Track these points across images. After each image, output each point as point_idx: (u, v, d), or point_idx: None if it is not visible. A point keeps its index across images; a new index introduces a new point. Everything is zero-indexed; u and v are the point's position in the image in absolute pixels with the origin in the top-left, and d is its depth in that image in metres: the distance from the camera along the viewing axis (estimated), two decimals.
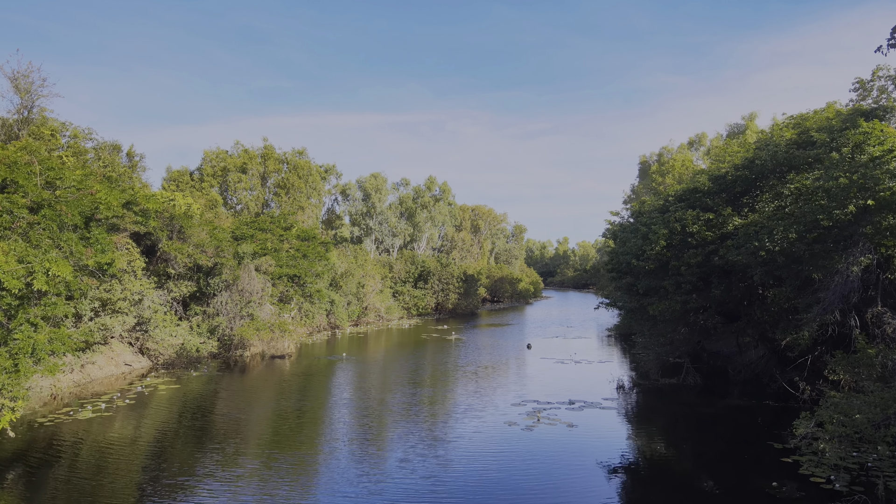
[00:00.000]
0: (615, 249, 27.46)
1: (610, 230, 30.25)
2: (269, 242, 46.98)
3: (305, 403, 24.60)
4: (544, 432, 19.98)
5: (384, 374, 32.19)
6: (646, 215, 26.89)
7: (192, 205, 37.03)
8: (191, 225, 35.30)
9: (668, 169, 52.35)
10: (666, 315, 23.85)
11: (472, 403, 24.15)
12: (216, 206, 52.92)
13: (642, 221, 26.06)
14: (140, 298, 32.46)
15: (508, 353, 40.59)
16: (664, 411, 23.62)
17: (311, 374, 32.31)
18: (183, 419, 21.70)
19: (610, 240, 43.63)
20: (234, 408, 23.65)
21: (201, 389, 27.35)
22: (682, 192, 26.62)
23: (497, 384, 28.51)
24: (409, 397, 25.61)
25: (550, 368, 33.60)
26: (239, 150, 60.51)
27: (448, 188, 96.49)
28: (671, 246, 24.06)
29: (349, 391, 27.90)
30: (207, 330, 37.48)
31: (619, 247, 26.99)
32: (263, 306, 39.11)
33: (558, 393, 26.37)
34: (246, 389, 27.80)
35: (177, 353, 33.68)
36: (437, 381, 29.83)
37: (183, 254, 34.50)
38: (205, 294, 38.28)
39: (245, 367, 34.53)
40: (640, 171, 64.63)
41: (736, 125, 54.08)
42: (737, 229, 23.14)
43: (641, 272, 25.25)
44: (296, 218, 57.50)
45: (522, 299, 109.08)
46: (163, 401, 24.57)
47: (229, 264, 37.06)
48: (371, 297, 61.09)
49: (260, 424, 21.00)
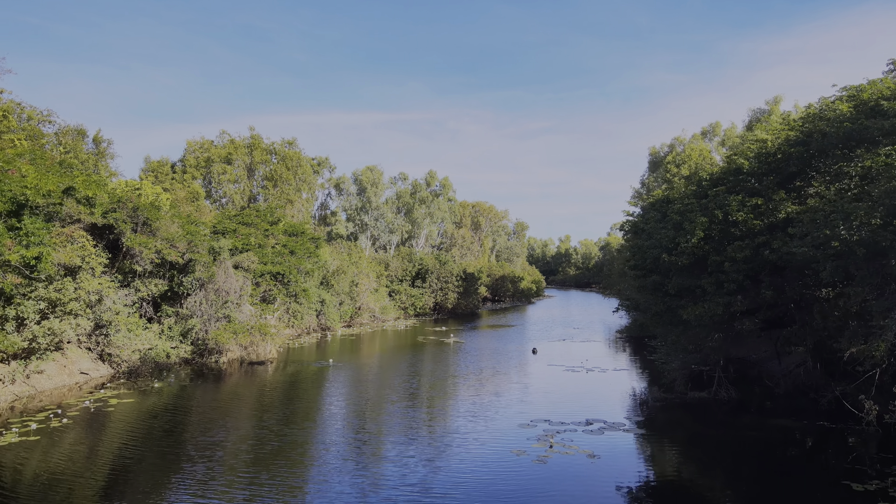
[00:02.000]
0: (639, 243, 23.83)
1: (630, 222, 26.53)
2: (253, 237, 43.37)
3: (276, 424, 20.97)
4: (560, 465, 16.36)
5: (374, 386, 28.57)
6: (678, 202, 23.14)
7: (160, 195, 33.38)
8: (159, 217, 31.68)
9: (682, 159, 48.73)
10: (704, 320, 20.16)
11: (475, 426, 20.52)
12: (198, 198, 49.28)
13: (675, 209, 22.33)
14: (98, 298, 28.86)
15: (512, 358, 36.97)
16: (702, 435, 19.98)
17: (292, 383, 28.70)
18: (130, 444, 18.07)
19: (624, 237, 40.06)
20: (197, 428, 20.02)
21: (163, 403, 23.75)
22: (719, 175, 22.90)
23: (501, 399, 24.89)
24: (402, 417, 21.98)
25: (560, 378, 29.98)
26: (225, 140, 56.89)
27: (448, 183, 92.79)
28: (709, 238, 20.40)
29: (333, 407, 24.29)
30: (180, 333, 33.90)
31: (643, 240, 23.37)
32: (242, 307, 35.50)
33: (572, 410, 22.76)
34: (215, 403, 24.18)
35: (141, 359, 30.04)
36: (435, 395, 26.22)
37: (149, 249, 30.88)
38: (177, 294, 34.67)
39: (220, 375, 30.96)
40: (651, 164, 60.98)
41: (759, 110, 50.42)
42: (789, 216, 19.43)
43: (673, 269, 21.61)
44: (284, 212, 53.87)
45: (524, 298, 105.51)
46: (112, 419, 20.96)
47: (203, 260, 33.44)
48: (365, 296, 57.50)
49: (225, 452, 17.37)
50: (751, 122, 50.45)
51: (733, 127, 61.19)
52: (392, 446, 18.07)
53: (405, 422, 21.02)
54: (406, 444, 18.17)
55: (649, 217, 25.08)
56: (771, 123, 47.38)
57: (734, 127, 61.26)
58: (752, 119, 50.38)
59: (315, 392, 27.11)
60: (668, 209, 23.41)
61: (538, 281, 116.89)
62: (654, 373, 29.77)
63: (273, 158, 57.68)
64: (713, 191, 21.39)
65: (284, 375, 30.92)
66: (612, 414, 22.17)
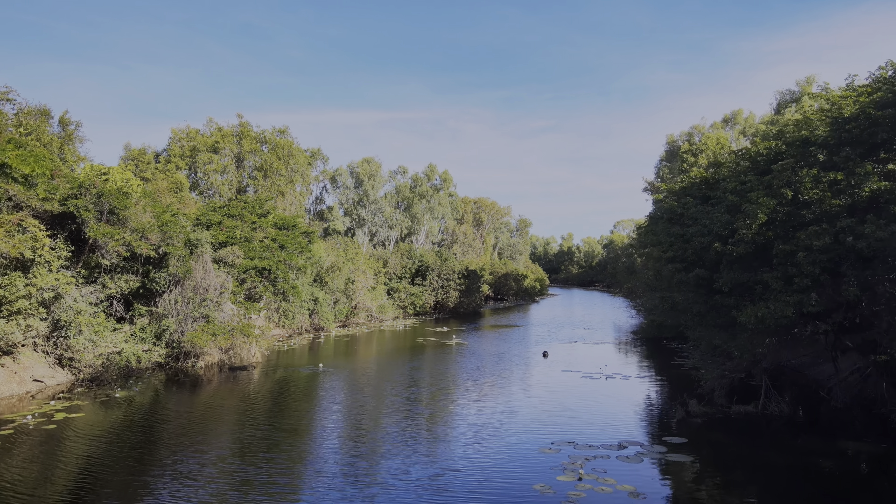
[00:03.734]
0: (677, 231, 20.37)
1: (664, 206, 23.00)
2: (239, 230, 39.97)
3: (252, 446, 17.57)
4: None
5: (366, 397, 25.19)
6: (731, 180, 19.56)
7: (130, 180, 29.98)
8: (127, 205, 28.27)
9: (700, 148, 45.34)
10: (768, 322, 16.64)
11: (485, 451, 17.13)
12: (181, 189, 45.85)
13: (729, 188, 18.77)
14: (55, 296, 25.49)
15: (521, 363, 33.56)
16: (760, 463, 16.58)
17: (275, 393, 25.30)
18: (57, 477, 14.67)
19: (638, 231, 36.59)
20: (151, 451, 16.62)
21: (119, 417, 20.36)
22: (777, 149, 19.28)
23: (514, 415, 21.48)
24: (398, 442, 18.57)
25: (578, 387, 26.57)
26: (212, 128, 53.42)
27: (449, 177, 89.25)
28: (773, 223, 16.94)
29: (318, 424, 20.89)
30: (153, 335, 30.51)
31: (684, 227, 19.93)
32: (223, 306, 32.09)
33: (598, 428, 19.36)
34: (182, 418, 20.77)
35: (103, 364, 26.64)
36: (436, 410, 22.82)
37: (116, 240, 27.49)
38: (151, 291, 31.28)
39: (196, 382, 27.60)
40: (668, 153, 57.47)
41: (788, 92, 46.88)
42: (876, 194, 15.87)
43: (724, 261, 18.15)
44: (275, 204, 50.44)
45: (528, 297, 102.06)
46: (49, 439, 17.55)
47: (178, 254, 30.03)
48: (362, 294, 54.07)
49: (182, 485, 13.97)
50: (779, 105, 46.98)
51: (751, 115, 57.83)
52: (383, 486, 14.67)
53: (402, 448, 17.62)
54: (402, 480, 14.77)
55: (686, 202, 21.62)
56: (801, 105, 43.99)
57: (752, 116, 57.91)
58: (780, 102, 46.91)
59: (299, 405, 23.72)
60: (712, 191, 19.98)
61: (542, 279, 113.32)
62: (685, 381, 26.36)
63: (264, 148, 54.21)
64: (778, 165, 17.84)
65: (268, 383, 27.54)
66: (646, 433, 18.79)
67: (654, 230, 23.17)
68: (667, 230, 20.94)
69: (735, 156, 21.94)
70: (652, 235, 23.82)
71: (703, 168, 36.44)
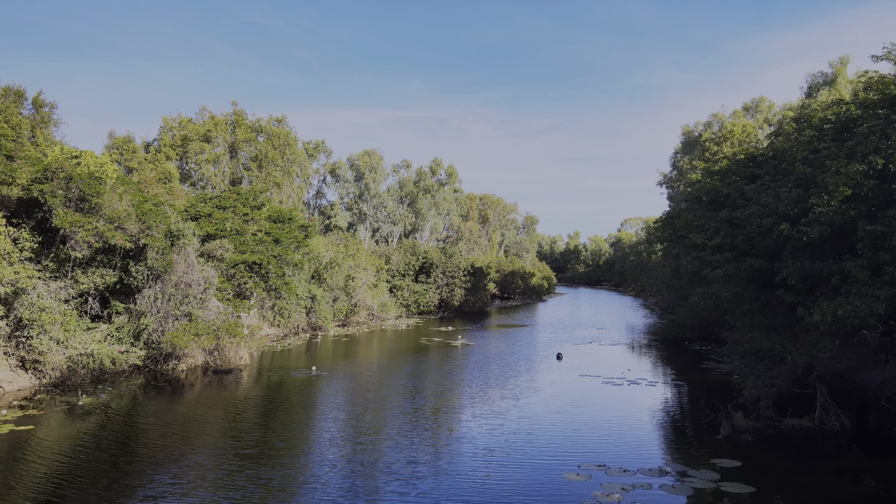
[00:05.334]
0: (722, 216, 17.48)
1: (705, 187, 19.96)
2: (230, 222, 37.31)
3: (225, 471, 14.85)
4: None
5: (361, 408, 22.45)
6: (800, 148, 16.52)
7: (105, 165, 27.32)
8: (100, 191, 25.60)
9: (724, 136, 42.43)
10: (850, 321, 13.68)
11: (500, 477, 14.35)
12: (171, 179, 43.20)
13: (799, 156, 15.77)
14: (15, 291, 22.84)
15: (533, 367, 30.75)
16: (833, 495, 13.73)
17: (260, 400, 22.57)
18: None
19: (658, 223, 33.79)
20: (117, 473, 13.89)
21: (79, 429, 17.69)
22: (845, 115, 16.26)
23: (532, 430, 18.68)
24: (396, 470, 15.83)
25: (600, 396, 23.74)
26: (205, 117, 50.75)
27: (455, 171, 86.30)
28: (856, 198, 14.02)
29: (306, 439, 18.16)
30: (131, 335, 27.85)
31: (728, 211, 17.07)
32: (208, 303, 29.40)
33: (631, 446, 16.57)
34: (155, 430, 18.07)
35: (70, 367, 23.97)
36: (441, 423, 20.06)
37: (86, 230, 24.83)
38: (129, 287, 28.62)
39: (175, 387, 24.95)
40: (684, 144, 54.51)
41: (821, 74, 43.77)
42: None
43: (790, 247, 15.25)
44: (270, 197, 47.75)
45: (535, 296, 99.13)
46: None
47: (157, 246, 27.35)
48: (362, 291, 51.34)
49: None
50: (811, 88, 43.91)
51: (772, 105, 54.93)
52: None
53: (401, 474, 14.87)
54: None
55: (733, 181, 18.72)
56: (836, 87, 41.06)
57: (772, 105, 55.00)
58: (811, 85, 43.85)
59: (288, 416, 20.99)
60: (760, 169, 17.10)
61: (549, 277, 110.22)
62: (721, 388, 23.50)
63: (259, 138, 51.51)
64: (863, 128, 14.81)
65: (255, 389, 24.84)
66: (689, 453, 15.97)
67: (687, 218, 20.32)
68: (707, 214, 18.07)
69: (796, 123, 19.03)
70: (685, 223, 20.93)
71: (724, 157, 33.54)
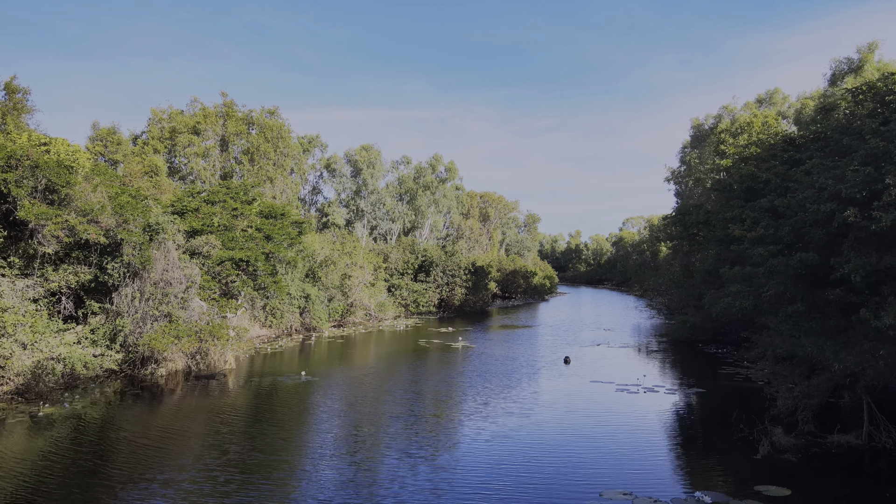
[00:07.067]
0: (762, 204, 15.40)
1: (741, 173, 17.77)
2: (218, 217, 35.24)
3: (195, 487, 12.78)
4: None
5: (350, 421, 20.39)
6: (867, 119, 14.29)
7: (77, 153, 25.27)
8: (70, 180, 23.54)
9: (741, 128, 40.37)
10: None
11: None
12: (157, 173, 41.13)
13: (868, 128, 13.58)
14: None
15: (540, 371, 28.69)
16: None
17: (245, 410, 20.50)
18: None
19: (671, 215, 31.78)
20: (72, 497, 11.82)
21: (30, 446, 15.61)
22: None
23: (545, 448, 16.63)
24: (393, 495, 13.78)
25: (616, 406, 21.65)
26: (196, 108, 48.68)
27: (455, 168, 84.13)
28: None
29: (291, 456, 16.09)
30: (106, 337, 25.81)
31: (768, 200, 14.99)
32: (190, 302, 27.34)
33: (658, 467, 14.54)
34: (123, 447, 16.01)
35: (35, 373, 21.88)
36: (441, 441, 18.01)
37: (54, 223, 22.78)
38: (106, 285, 26.57)
39: (155, 394, 22.93)
40: (694, 138, 52.41)
41: (845, 60, 41.63)
42: None
43: (852, 238, 13.17)
44: (263, 191, 45.65)
45: (537, 295, 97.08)
46: None
47: (134, 240, 25.29)
48: (359, 291, 49.26)
49: None
50: (834, 75, 41.78)
51: (786, 97, 52.88)
52: None
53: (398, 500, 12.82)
54: None
55: (771, 165, 16.65)
56: (863, 74, 38.95)
57: (787, 97, 52.95)
58: (835, 72, 41.73)
59: (271, 428, 18.92)
60: (800, 152, 15.04)
61: (551, 276, 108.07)
62: (748, 397, 21.45)
63: (252, 130, 49.43)
64: None
65: (239, 396, 22.78)
66: (726, 477, 13.91)
67: (717, 206, 18.21)
68: (740, 204, 16.02)
69: (851, 94, 16.91)
70: (703, 217, 18.83)
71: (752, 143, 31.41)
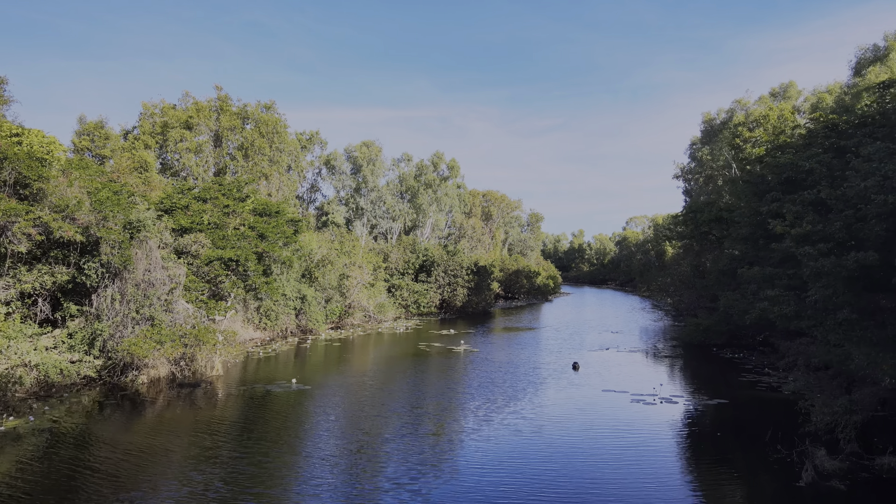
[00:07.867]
0: (805, 198, 13.70)
1: (779, 163, 15.99)
2: (207, 215, 33.60)
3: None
4: None
5: (342, 436, 18.71)
6: None
7: (52, 145, 23.63)
8: (42, 174, 21.90)
9: (758, 121, 38.61)
10: None
11: None
12: (147, 169, 39.51)
13: None
14: None
15: (548, 379, 26.97)
16: None
17: (230, 422, 18.83)
18: None
19: (677, 221, 30.04)
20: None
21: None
22: None
23: (559, 471, 14.93)
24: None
25: (633, 419, 19.93)
26: (189, 103, 47.05)
27: (457, 166, 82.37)
28: None
29: (274, 479, 14.41)
30: (84, 342, 24.17)
31: (812, 192, 13.33)
32: (174, 305, 25.68)
33: (692, 496, 12.81)
34: (96, 463, 14.35)
35: (3, 382, 20.24)
36: (443, 464, 16.33)
37: (25, 220, 21.15)
38: (84, 287, 24.95)
39: (136, 403, 21.33)
40: (705, 133, 50.64)
41: (871, 48, 39.72)
42: None
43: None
44: (257, 189, 44.01)
45: (540, 296, 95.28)
46: None
47: (113, 238, 23.64)
48: (357, 291, 47.59)
49: None
50: (859, 65, 39.90)
51: (801, 91, 51.11)
52: None
53: None
54: None
55: (812, 153, 14.94)
56: (889, 63, 37.18)
57: (801, 91, 51.17)
58: (860, 61, 39.84)
59: (255, 444, 17.23)
60: (844, 140, 13.36)
61: (554, 276, 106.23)
62: (776, 409, 19.72)
63: (247, 125, 47.80)
64: None
65: (224, 407, 21.12)
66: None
67: (751, 201, 16.52)
68: (777, 196, 14.32)
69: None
70: (722, 211, 17.09)
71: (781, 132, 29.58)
